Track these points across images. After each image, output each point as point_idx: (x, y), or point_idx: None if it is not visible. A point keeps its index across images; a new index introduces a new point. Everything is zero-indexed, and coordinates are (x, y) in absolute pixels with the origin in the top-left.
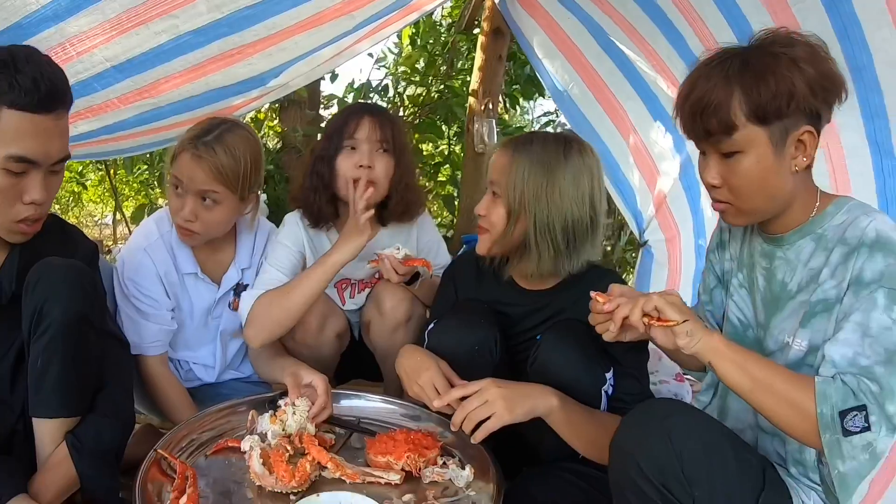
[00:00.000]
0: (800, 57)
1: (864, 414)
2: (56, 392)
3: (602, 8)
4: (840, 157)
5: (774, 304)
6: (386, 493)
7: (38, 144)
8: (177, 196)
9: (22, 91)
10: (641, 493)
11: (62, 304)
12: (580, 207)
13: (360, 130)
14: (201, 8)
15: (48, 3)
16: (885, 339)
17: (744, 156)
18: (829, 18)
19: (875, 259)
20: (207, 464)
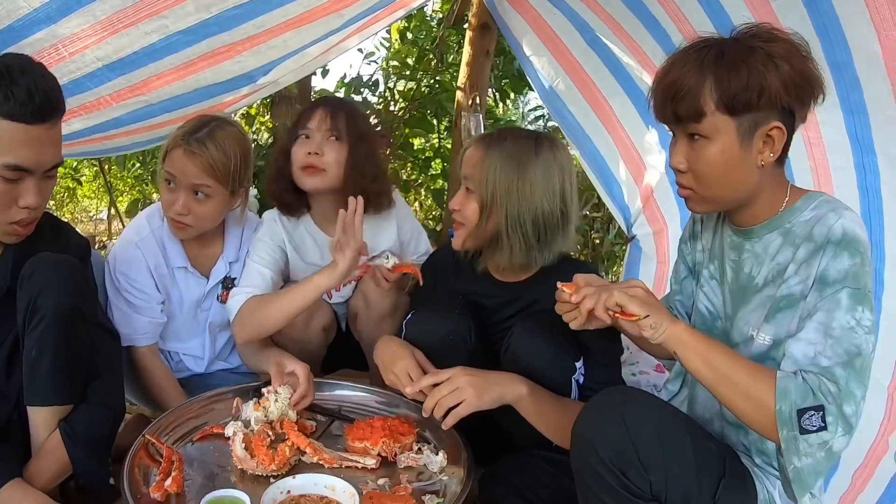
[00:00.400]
0: (777, 53)
1: (821, 414)
2: (49, 381)
3: (587, 4)
4: (822, 153)
5: (741, 297)
6: (362, 477)
7: (32, 153)
8: (169, 191)
9: (17, 103)
10: (600, 478)
11: (55, 297)
12: (551, 202)
13: (312, 120)
14: (190, 8)
15: (40, 6)
16: (847, 341)
17: (709, 143)
18: (808, 16)
19: (841, 258)
20: (193, 449)
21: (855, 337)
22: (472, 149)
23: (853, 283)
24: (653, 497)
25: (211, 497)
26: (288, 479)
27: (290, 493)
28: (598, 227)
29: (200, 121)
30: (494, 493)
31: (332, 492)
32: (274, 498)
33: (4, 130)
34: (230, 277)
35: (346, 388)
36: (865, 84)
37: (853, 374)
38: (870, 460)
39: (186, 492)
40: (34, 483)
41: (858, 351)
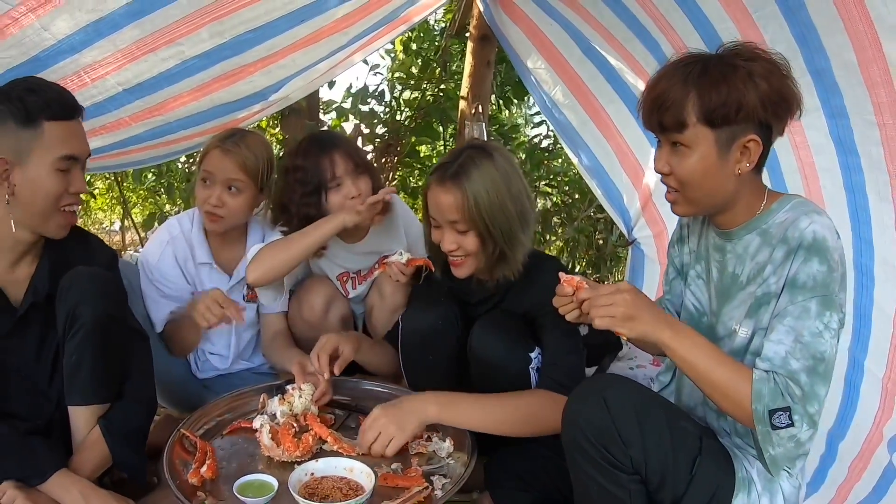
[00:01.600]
0: (757, 72)
1: (788, 413)
2: (89, 383)
3: (581, 15)
4: (808, 156)
5: (726, 294)
6: (377, 462)
7: (76, 143)
8: (205, 188)
9: (56, 105)
10: (587, 454)
11: (92, 306)
12: (521, 202)
13: (337, 167)
14: (204, 35)
15: (63, 38)
16: (814, 346)
17: (690, 151)
18: (788, 26)
19: (811, 264)
20: (223, 441)
21: (821, 343)
22: (441, 193)
23: (822, 290)
24: (634, 471)
25: (242, 481)
26: (311, 462)
27: (313, 475)
28: (602, 229)
29: (232, 130)
30: (498, 477)
31: (351, 473)
32: (299, 479)
33: (54, 130)
34: None
35: (361, 385)
36: (845, 90)
37: (817, 378)
38: (865, 451)
39: (220, 477)
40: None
41: (822, 357)
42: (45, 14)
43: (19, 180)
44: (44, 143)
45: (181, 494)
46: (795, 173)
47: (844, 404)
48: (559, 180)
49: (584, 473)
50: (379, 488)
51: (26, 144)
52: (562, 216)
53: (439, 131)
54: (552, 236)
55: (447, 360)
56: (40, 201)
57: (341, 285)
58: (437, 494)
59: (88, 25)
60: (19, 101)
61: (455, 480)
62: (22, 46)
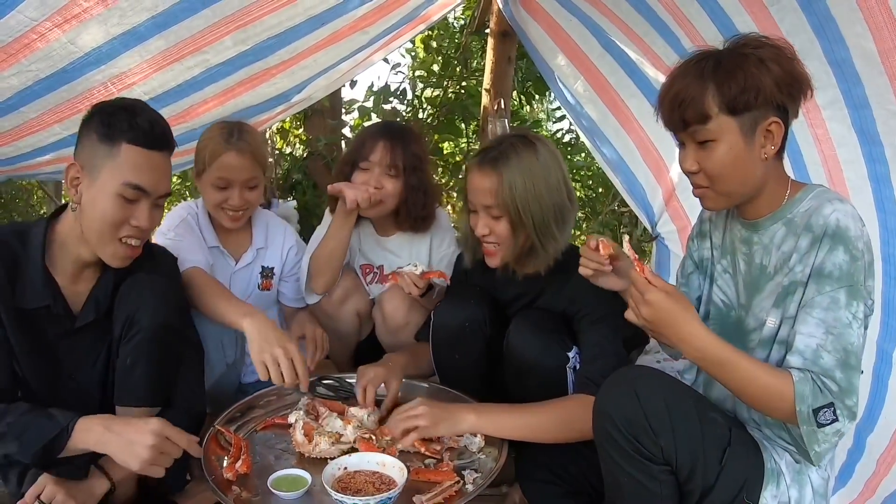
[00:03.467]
0: (766, 57)
1: (832, 409)
2: (141, 385)
3: (600, 10)
4: (830, 148)
5: (755, 286)
6: (409, 458)
7: (149, 176)
8: (219, 191)
9: (140, 131)
10: (617, 444)
11: (151, 313)
12: (560, 195)
13: (374, 153)
14: (228, 43)
15: (91, 51)
16: (845, 338)
17: (717, 143)
18: (805, 17)
19: (836, 253)
20: (257, 437)
21: (851, 334)
22: (479, 177)
23: (848, 280)
24: (664, 461)
25: (277, 475)
26: (345, 457)
27: (346, 469)
28: (627, 223)
29: (223, 126)
30: (528, 470)
31: (383, 467)
32: (332, 474)
33: (128, 154)
34: (268, 267)
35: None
36: (866, 80)
37: (850, 371)
38: (893, 445)
39: (254, 472)
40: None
41: (853, 348)
42: (72, 29)
43: (85, 193)
44: (116, 164)
45: (218, 488)
46: (819, 166)
47: (873, 398)
48: (583, 174)
49: (615, 464)
50: (411, 482)
51: (100, 160)
52: (586, 210)
53: (461, 128)
54: (577, 231)
55: (474, 360)
56: (97, 223)
57: (362, 275)
58: (468, 488)
59: (115, 38)
60: (108, 115)
61: (486, 475)
62: (49, 60)
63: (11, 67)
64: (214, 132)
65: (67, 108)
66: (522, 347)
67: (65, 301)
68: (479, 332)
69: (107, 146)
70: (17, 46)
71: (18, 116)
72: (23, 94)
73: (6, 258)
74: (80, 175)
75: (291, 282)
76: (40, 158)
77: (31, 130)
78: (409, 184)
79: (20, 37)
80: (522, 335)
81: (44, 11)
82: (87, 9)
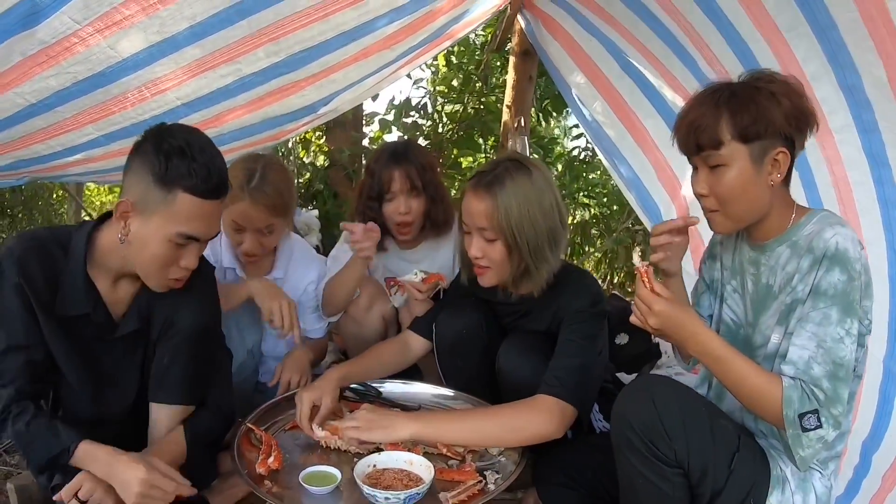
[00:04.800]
0: (778, 91)
1: (816, 415)
2: (177, 384)
3: (620, 32)
4: (841, 170)
5: (762, 305)
6: (434, 458)
7: (203, 225)
8: (236, 231)
9: (198, 179)
10: (633, 447)
11: (190, 316)
12: (553, 218)
13: (394, 182)
14: (261, 54)
15: (129, 56)
16: (835, 351)
17: (728, 168)
18: (819, 45)
19: (832, 273)
20: (286, 436)
21: (842, 348)
22: (474, 200)
23: (843, 298)
24: (677, 464)
25: (308, 471)
26: (374, 454)
27: (375, 467)
28: (640, 240)
29: (247, 166)
30: (545, 475)
31: (411, 465)
32: (363, 471)
33: (184, 203)
34: None
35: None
36: (876, 105)
37: (838, 382)
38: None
39: (285, 468)
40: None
41: (843, 362)
42: (112, 35)
43: (135, 230)
44: (170, 211)
45: (252, 482)
46: (830, 188)
47: (879, 416)
48: (597, 192)
49: (631, 466)
50: (436, 482)
51: (153, 204)
52: (600, 228)
53: (480, 144)
54: (591, 248)
55: (475, 364)
56: (146, 261)
57: (387, 287)
58: (489, 488)
59: (153, 46)
60: (165, 158)
61: (506, 476)
62: (88, 63)
63: (51, 68)
64: (236, 171)
65: (102, 109)
66: (512, 370)
67: (105, 308)
68: (477, 337)
69: (162, 191)
70: (58, 49)
71: (54, 115)
72: (60, 94)
73: (46, 265)
74: (131, 211)
75: (308, 313)
76: (70, 158)
77: (64, 130)
78: (429, 196)
79: (62, 39)
80: (512, 359)
81: (87, 15)
82: (129, 17)
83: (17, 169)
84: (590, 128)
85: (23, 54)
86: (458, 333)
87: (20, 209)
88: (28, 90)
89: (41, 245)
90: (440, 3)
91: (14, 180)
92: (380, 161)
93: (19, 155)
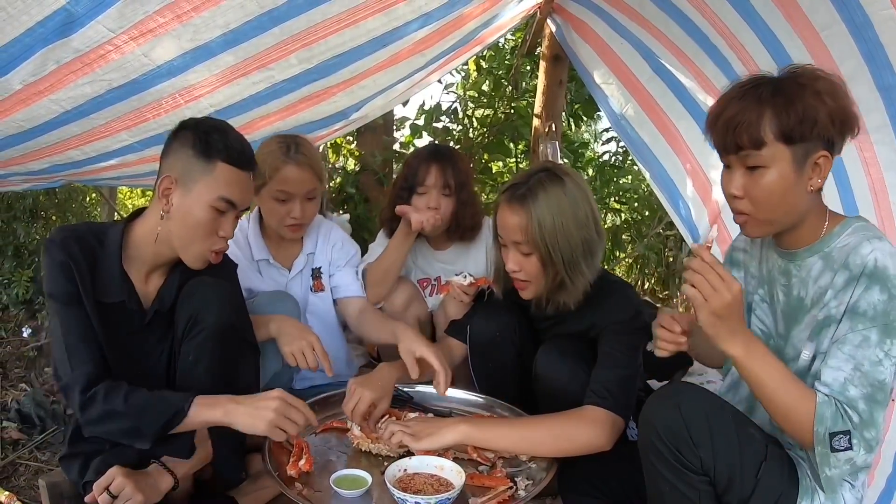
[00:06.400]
0: (823, 90)
1: (848, 437)
2: (203, 381)
3: (651, 33)
4: (878, 171)
5: (793, 317)
6: (465, 464)
7: (240, 192)
8: (281, 204)
9: (234, 151)
10: (660, 454)
11: (214, 313)
12: (588, 230)
13: (428, 176)
14: (293, 61)
15: (163, 63)
16: (873, 374)
17: (767, 171)
18: (855, 44)
19: (872, 292)
20: (316, 439)
21: (881, 371)
22: (508, 214)
23: (883, 319)
24: (703, 472)
25: (339, 474)
26: (405, 459)
27: (406, 471)
28: (672, 246)
29: (280, 141)
30: (571, 483)
31: (441, 471)
32: (394, 475)
33: (223, 171)
34: (317, 268)
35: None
36: None
37: (875, 405)
38: None
39: (316, 470)
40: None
41: (881, 385)
42: (146, 42)
43: (177, 203)
44: (212, 179)
45: (282, 483)
46: (866, 191)
47: None
48: (628, 197)
49: (658, 473)
50: (466, 487)
51: (196, 174)
52: (631, 233)
53: (511, 148)
54: (622, 253)
55: (507, 369)
56: (189, 230)
57: (421, 288)
58: (520, 494)
59: (187, 53)
60: (205, 133)
61: (537, 482)
62: (123, 70)
63: (87, 76)
64: (272, 146)
65: (136, 116)
66: (550, 373)
67: (138, 298)
68: (510, 342)
69: (203, 162)
70: (93, 56)
71: (88, 122)
72: (95, 101)
73: (87, 254)
74: (173, 186)
75: (346, 270)
76: (105, 163)
77: (99, 136)
78: (460, 199)
79: (97, 47)
80: (549, 362)
81: (122, 23)
82: (163, 24)
83: (53, 173)
84: (622, 130)
85: (57, 62)
86: (491, 337)
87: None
88: (63, 97)
89: (80, 234)
90: (469, 7)
91: (48, 183)
92: (420, 156)
93: (55, 160)
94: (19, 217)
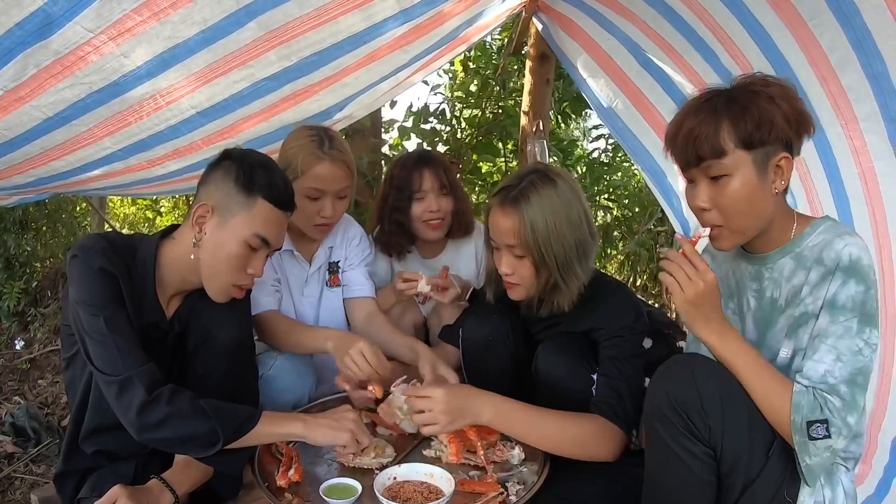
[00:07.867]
0: (776, 94)
1: (825, 425)
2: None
3: (639, 27)
4: (868, 160)
5: (766, 321)
6: (456, 469)
7: (275, 232)
8: (312, 202)
9: (277, 190)
10: (667, 420)
11: (226, 330)
12: (581, 231)
13: (424, 181)
14: (273, 58)
15: (142, 63)
16: (852, 363)
17: (731, 178)
18: (844, 32)
19: (848, 285)
20: (306, 449)
21: (861, 359)
22: (501, 217)
23: (861, 309)
24: (710, 445)
25: (328, 484)
26: (394, 467)
27: (395, 479)
28: (663, 242)
29: (311, 134)
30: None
31: (431, 478)
32: (383, 483)
33: (263, 208)
34: (335, 262)
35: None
36: None
37: (856, 388)
38: None
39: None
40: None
41: (861, 370)
42: (125, 42)
43: (210, 233)
44: (250, 215)
45: (271, 494)
46: (856, 180)
47: None
48: (619, 194)
49: (662, 444)
50: (457, 494)
51: (235, 208)
52: (622, 230)
53: (499, 148)
54: (613, 250)
55: (499, 372)
56: (218, 262)
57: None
58: (511, 499)
59: (165, 52)
60: (250, 167)
61: (528, 487)
62: (102, 72)
63: (66, 79)
64: (303, 139)
65: (118, 120)
66: (550, 371)
67: (167, 321)
68: (503, 345)
69: (244, 196)
70: (72, 59)
71: (70, 129)
72: (76, 106)
73: (122, 266)
74: (208, 215)
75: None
76: (89, 174)
77: (82, 144)
78: (456, 196)
79: (76, 49)
80: (550, 359)
81: (99, 23)
82: (141, 22)
83: (39, 186)
84: (612, 125)
85: (37, 66)
86: (484, 340)
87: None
88: (44, 103)
89: (114, 244)
90: (449, 5)
91: (36, 196)
92: (406, 165)
93: (39, 173)
94: (9, 229)
